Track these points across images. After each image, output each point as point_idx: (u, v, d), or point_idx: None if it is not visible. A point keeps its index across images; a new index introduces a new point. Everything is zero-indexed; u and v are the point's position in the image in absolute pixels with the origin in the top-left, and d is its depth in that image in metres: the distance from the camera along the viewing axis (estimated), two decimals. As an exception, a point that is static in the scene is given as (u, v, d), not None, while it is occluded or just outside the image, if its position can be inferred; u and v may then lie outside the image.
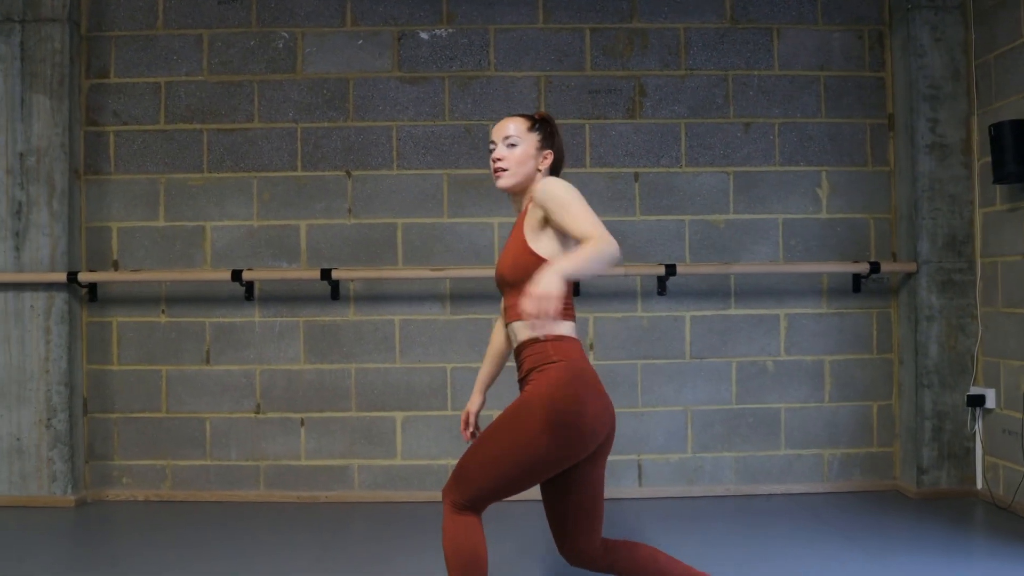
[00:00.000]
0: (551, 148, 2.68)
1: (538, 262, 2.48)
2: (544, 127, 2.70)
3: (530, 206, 2.56)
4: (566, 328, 2.57)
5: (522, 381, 2.59)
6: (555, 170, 2.72)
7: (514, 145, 2.65)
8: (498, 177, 2.65)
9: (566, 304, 2.55)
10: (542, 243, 2.52)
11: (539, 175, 2.67)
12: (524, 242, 2.53)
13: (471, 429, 2.92)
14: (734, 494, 4.96)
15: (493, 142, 2.69)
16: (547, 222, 2.50)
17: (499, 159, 2.65)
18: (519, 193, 2.68)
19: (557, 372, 2.49)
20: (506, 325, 2.69)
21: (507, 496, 2.51)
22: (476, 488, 2.50)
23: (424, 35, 4.99)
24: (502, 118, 4.60)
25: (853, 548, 3.95)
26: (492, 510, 2.63)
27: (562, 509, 2.63)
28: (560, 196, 2.44)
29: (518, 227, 2.59)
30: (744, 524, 4.38)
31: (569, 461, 2.50)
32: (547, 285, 2.12)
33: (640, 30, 5.00)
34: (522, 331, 2.58)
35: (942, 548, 3.91)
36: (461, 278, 4.87)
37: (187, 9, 5.00)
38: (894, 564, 3.70)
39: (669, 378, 4.98)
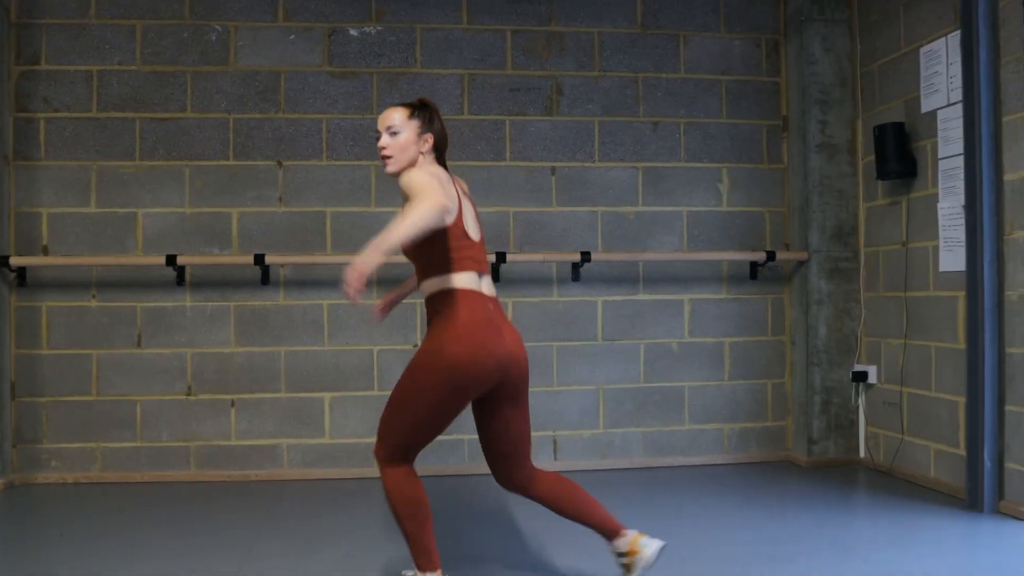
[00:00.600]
0: (431, 132, 2.95)
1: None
2: (423, 113, 2.96)
3: None
4: (460, 280, 2.86)
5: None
6: (438, 150, 3.00)
7: (396, 133, 2.92)
8: (386, 164, 2.94)
9: (464, 255, 2.87)
10: None
11: (422, 158, 2.95)
12: None
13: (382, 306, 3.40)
14: (642, 466, 5.33)
15: (378, 131, 2.97)
16: None
17: (383, 147, 2.93)
18: None
19: (441, 324, 2.83)
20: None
21: (428, 440, 2.86)
22: (397, 439, 2.83)
23: (354, 32, 5.22)
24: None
25: (752, 509, 4.35)
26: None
27: (489, 443, 3.00)
28: (410, 183, 2.68)
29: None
30: (652, 492, 4.74)
31: (466, 397, 2.83)
32: (360, 261, 2.43)
33: (558, 33, 5.34)
34: (425, 289, 2.93)
35: (830, 508, 4.35)
36: (387, 264, 5.10)
37: None
38: (789, 522, 4.10)
39: (583, 359, 5.33)
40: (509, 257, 5.06)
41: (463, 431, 4.99)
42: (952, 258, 4.45)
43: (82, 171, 5.07)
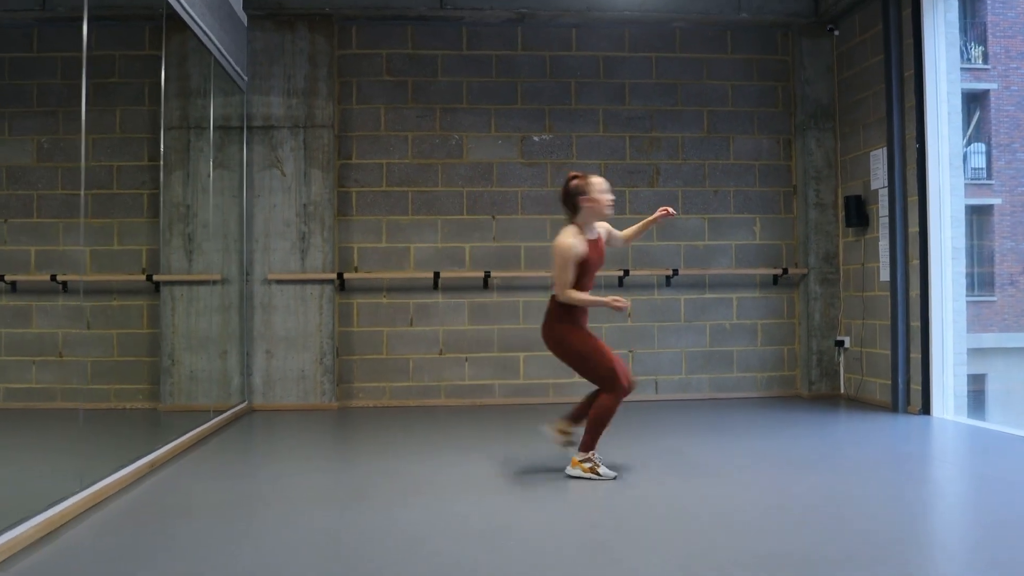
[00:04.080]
0: None
1: None
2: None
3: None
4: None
5: None
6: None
7: None
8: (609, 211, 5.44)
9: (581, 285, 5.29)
10: None
11: None
12: None
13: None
14: (708, 398, 8.79)
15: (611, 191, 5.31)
16: None
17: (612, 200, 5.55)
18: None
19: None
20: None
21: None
22: None
23: (536, 139, 8.75)
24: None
25: (773, 419, 7.83)
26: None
27: None
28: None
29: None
30: (716, 413, 8.20)
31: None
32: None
33: (656, 137, 8.84)
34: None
35: (819, 416, 7.81)
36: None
37: (399, 120, 8.67)
38: (797, 423, 7.56)
39: (672, 333, 8.80)
40: (631, 272, 8.57)
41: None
42: (886, 273, 7.89)
43: (377, 222, 8.63)
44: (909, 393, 7.58)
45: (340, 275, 8.43)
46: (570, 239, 5.20)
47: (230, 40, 7.80)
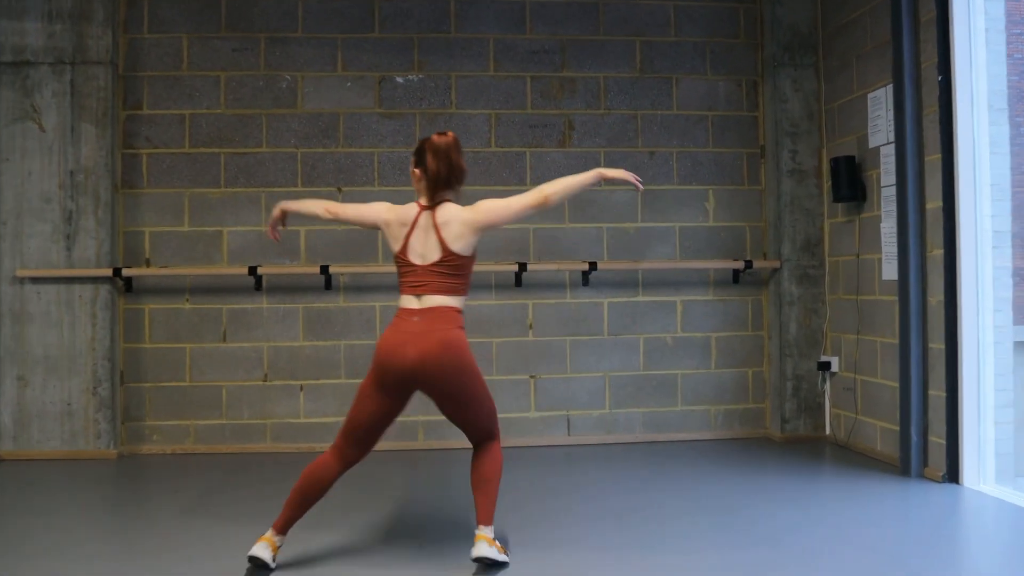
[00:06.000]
0: (419, 168, 3.95)
1: None
2: (416, 153, 3.96)
3: None
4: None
5: None
6: (433, 182, 3.91)
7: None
8: None
9: (401, 279, 3.86)
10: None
11: (419, 188, 3.94)
12: None
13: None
14: (641, 441, 6.36)
15: None
16: None
17: None
18: None
19: None
20: None
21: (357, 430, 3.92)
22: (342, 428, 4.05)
23: (400, 79, 6.28)
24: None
25: (731, 476, 5.38)
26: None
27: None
28: None
29: None
30: (650, 463, 5.76)
31: (382, 394, 3.86)
32: None
33: (569, 78, 6.37)
34: None
35: (794, 476, 5.35)
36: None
37: (207, 54, 6.20)
38: (755, 490, 5.07)
39: (592, 351, 6.36)
40: (530, 266, 6.14)
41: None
42: (891, 268, 5.43)
43: (177, 197, 6.17)
44: (927, 448, 5.13)
45: (120, 272, 5.97)
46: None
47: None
